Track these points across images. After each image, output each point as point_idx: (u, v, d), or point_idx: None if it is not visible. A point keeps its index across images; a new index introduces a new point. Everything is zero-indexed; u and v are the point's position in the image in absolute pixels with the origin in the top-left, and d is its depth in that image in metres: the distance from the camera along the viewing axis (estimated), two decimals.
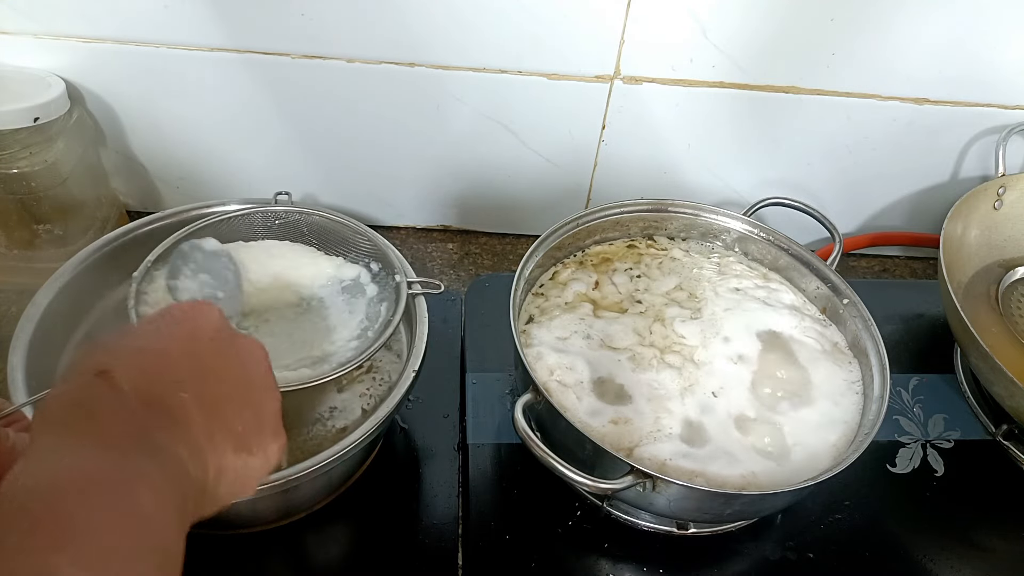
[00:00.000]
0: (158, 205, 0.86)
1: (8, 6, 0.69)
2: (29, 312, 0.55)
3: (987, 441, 0.70)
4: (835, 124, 0.81)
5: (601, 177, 0.85)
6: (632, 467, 0.50)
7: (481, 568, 0.57)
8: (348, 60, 0.74)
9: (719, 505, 0.52)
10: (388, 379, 0.63)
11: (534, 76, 0.75)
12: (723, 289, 0.69)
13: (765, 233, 0.72)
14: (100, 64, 0.73)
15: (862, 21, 0.73)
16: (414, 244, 0.89)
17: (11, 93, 0.68)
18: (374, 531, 0.60)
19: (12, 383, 0.51)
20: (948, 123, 0.82)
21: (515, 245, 0.90)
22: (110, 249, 0.63)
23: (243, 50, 0.73)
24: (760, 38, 0.74)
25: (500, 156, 0.82)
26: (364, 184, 0.85)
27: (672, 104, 0.78)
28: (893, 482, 0.66)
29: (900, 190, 0.89)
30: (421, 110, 0.78)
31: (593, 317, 0.66)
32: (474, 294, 0.78)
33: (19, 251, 0.76)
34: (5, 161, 0.69)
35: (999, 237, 0.81)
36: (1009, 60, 0.76)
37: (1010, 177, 0.79)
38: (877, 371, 0.61)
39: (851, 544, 0.61)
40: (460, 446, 0.65)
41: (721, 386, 0.61)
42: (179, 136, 0.80)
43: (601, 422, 0.57)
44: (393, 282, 0.61)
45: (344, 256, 0.66)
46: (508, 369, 0.70)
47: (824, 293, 0.68)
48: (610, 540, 0.60)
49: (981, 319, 0.75)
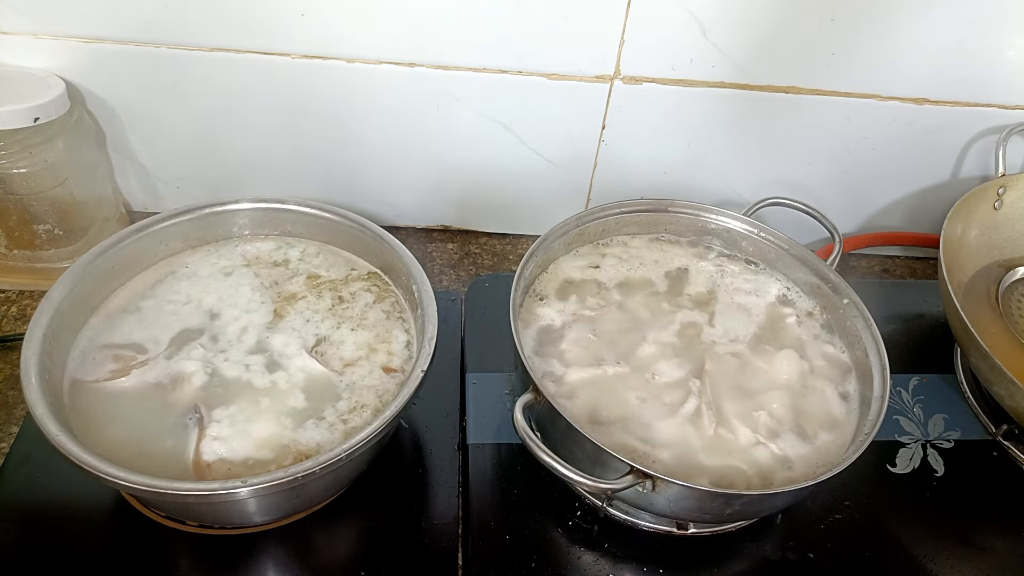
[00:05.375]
0: (158, 205, 0.86)
1: (8, 6, 0.69)
2: (43, 306, 0.56)
3: (987, 441, 0.70)
4: (835, 124, 0.81)
5: (601, 177, 0.85)
6: (632, 467, 0.50)
7: (481, 568, 0.57)
8: (348, 60, 0.74)
9: (719, 505, 0.52)
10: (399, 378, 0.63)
11: (534, 76, 0.75)
12: (722, 288, 0.69)
13: (765, 233, 0.72)
14: (100, 64, 0.73)
15: (862, 21, 0.73)
16: (414, 244, 0.88)
17: (11, 93, 0.68)
18: (374, 531, 0.60)
19: (25, 376, 0.52)
20: (948, 123, 0.82)
21: (515, 245, 0.90)
22: (120, 247, 0.63)
23: (243, 50, 0.73)
24: (760, 38, 0.74)
25: (500, 156, 0.82)
26: (364, 184, 0.85)
27: (672, 104, 0.78)
28: (893, 482, 0.66)
29: (900, 190, 0.89)
30: (421, 110, 0.78)
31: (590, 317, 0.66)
32: (474, 294, 0.78)
33: (19, 251, 0.76)
34: (5, 161, 0.69)
35: (999, 237, 0.81)
36: (1009, 60, 0.76)
37: (1010, 177, 0.79)
38: (877, 371, 0.61)
39: (851, 544, 0.61)
40: (460, 446, 0.65)
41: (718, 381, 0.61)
42: (179, 136, 0.80)
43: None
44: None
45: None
46: (508, 369, 0.70)
47: (824, 293, 0.68)
48: (610, 540, 0.60)
49: (981, 319, 0.75)
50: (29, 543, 0.56)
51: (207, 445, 0.53)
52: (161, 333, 0.61)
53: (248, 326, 0.62)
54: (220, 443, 0.54)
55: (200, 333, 0.61)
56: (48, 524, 0.57)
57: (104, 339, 0.60)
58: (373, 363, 0.61)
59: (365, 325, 0.63)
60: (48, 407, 0.50)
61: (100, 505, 0.58)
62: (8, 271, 0.77)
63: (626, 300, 0.68)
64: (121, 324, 0.61)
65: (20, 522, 0.57)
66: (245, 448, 0.54)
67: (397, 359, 0.61)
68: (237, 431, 0.55)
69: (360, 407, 0.57)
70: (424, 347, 0.57)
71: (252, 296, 0.64)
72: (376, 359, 0.61)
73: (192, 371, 0.58)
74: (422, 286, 0.61)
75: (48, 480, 0.59)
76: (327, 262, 0.69)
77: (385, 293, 0.67)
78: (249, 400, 0.57)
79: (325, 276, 0.67)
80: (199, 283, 0.65)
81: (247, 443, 0.54)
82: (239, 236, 0.69)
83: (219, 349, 0.60)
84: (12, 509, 0.58)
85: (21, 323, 0.74)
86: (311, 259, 0.69)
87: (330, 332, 0.63)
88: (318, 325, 0.63)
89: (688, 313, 0.67)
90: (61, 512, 0.58)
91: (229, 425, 0.55)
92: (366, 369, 0.60)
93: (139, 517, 0.57)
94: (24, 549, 0.56)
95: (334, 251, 0.70)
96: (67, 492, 0.59)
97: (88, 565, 0.56)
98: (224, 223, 0.68)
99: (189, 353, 0.59)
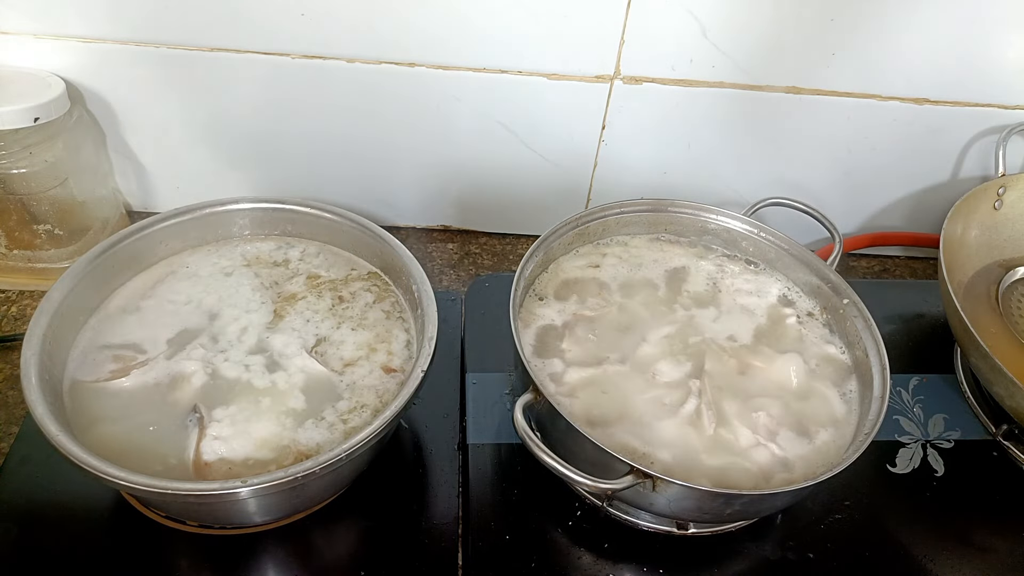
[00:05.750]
0: (158, 205, 0.86)
1: (8, 6, 0.69)
2: (43, 306, 0.56)
3: (987, 441, 0.70)
4: (835, 124, 0.81)
5: (601, 177, 0.85)
6: (632, 467, 0.50)
7: (481, 568, 0.57)
8: (348, 60, 0.74)
9: (719, 505, 0.52)
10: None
11: (534, 76, 0.76)
12: (723, 288, 0.69)
13: (765, 233, 0.72)
14: (100, 64, 0.73)
15: (862, 21, 0.73)
16: (414, 244, 0.89)
17: (11, 93, 0.68)
18: (374, 531, 0.60)
19: (25, 376, 0.52)
20: (948, 123, 0.82)
21: (515, 245, 0.90)
22: (119, 247, 0.63)
23: (243, 50, 0.73)
24: (760, 38, 0.74)
25: (500, 156, 0.82)
26: (364, 184, 0.85)
27: (672, 104, 0.78)
28: (893, 482, 0.66)
29: (900, 190, 0.89)
30: (421, 110, 0.78)
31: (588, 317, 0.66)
32: (474, 294, 0.78)
33: (19, 251, 0.76)
34: (5, 161, 0.69)
35: (999, 237, 0.81)
36: (1009, 60, 0.76)
37: (1010, 177, 0.79)
38: (877, 371, 0.61)
39: (851, 544, 0.61)
40: (460, 446, 0.65)
41: (718, 382, 0.61)
42: (179, 136, 0.80)
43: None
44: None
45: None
46: (508, 369, 0.70)
47: (824, 293, 0.68)
48: (610, 540, 0.60)
49: (981, 319, 0.75)
50: (29, 543, 0.56)
51: (207, 444, 0.53)
52: (161, 333, 0.61)
53: (248, 326, 0.62)
54: (220, 443, 0.54)
55: (200, 333, 0.61)
56: (48, 524, 0.57)
57: (104, 339, 0.60)
58: (373, 363, 0.61)
59: (365, 325, 0.64)
60: (48, 407, 0.50)
61: (100, 505, 0.58)
62: (8, 271, 0.77)
63: (626, 300, 0.68)
64: (121, 324, 0.61)
65: (20, 522, 0.57)
66: (245, 448, 0.54)
67: (397, 359, 0.61)
68: (237, 431, 0.55)
69: (360, 407, 0.57)
70: (424, 347, 0.57)
71: (252, 296, 0.64)
72: (376, 359, 0.61)
73: (192, 371, 0.58)
74: (422, 286, 0.61)
75: (48, 480, 0.59)
76: (327, 262, 0.69)
77: (385, 293, 0.67)
78: (249, 400, 0.57)
79: (325, 276, 0.67)
80: (199, 283, 0.65)
81: (247, 443, 0.54)
82: (239, 236, 0.69)
83: (219, 349, 0.60)
84: (12, 509, 0.58)
85: (21, 323, 0.74)
86: (311, 259, 0.69)
87: (330, 332, 0.63)
88: (318, 325, 0.63)
89: (688, 313, 0.67)
90: (61, 512, 0.58)
91: (229, 425, 0.55)
92: (366, 369, 0.60)
93: (139, 517, 0.57)
94: (24, 549, 0.56)
95: (334, 251, 0.70)
96: (67, 492, 0.59)
97: (88, 565, 0.56)
98: (224, 223, 0.68)
99: (189, 353, 0.59)
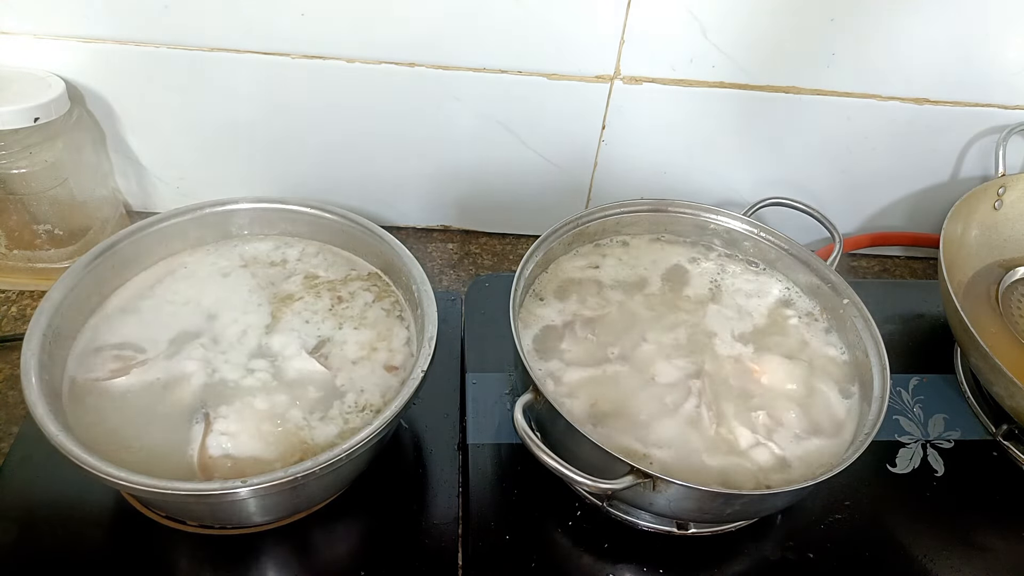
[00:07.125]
0: (158, 205, 0.86)
1: (8, 6, 0.69)
2: (43, 306, 0.57)
3: (987, 441, 0.70)
4: (835, 124, 0.81)
5: (601, 177, 0.85)
6: (632, 467, 0.50)
7: (481, 568, 0.57)
8: (348, 60, 0.74)
9: (719, 505, 0.52)
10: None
11: (534, 76, 0.75)
12: (723, 288, 0.69)
13: (765, 233, 0.72)
14: (100, 64, 0.73)
15: (862, 21, 0.73)
16: (414, 244, 0.89)
17: (11, 93, 0.68)
18: (374, 531, 0.60)
19: (25, 376, 0.52)
20: (948, 123, 0.82)
21: (515, 245, 0.90)
22: (119, 247, 0.63)
23: (243, 50, 0.73)
24: (760, 38, 0.74)
25: (500, 156, 0.82)
26: (364, 184, 0.85)
27: (672, 104, 0.78)
28: (893, 482, 0.66)
29: (900, 190, 0.89)
30: (421, 110, 0.78)
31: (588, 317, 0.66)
32: (474, 294, 0.78)
33: (19, 251, 0.76)
34: (5, 161, 0.69)
35: (999, 237, 0.81)
36: (1009, 60, 0.76)
37: (1010, 177, 0.79)
38: (877, 371, 0.61)
39: (851, 544, 0.61)
40: (460, 446, 0.65)
41: (718, 382, 0.61)
42: (179, 136, 0.80)
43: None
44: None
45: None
46: (508, 369, 0.70)
47: (824, 293, 0.68)
48: (610, 540, 0.60)
49: (981, 319, 0.75)
50: (29, 543, 0.56)
51: (213, 440, 0.54)
52: (161, 333, 0.61)
53: (248, 327, 0.62)
54: (223, 440, 0.54)
55: (200, 333, 0.61)
56: (48, 524, 0.57)
57: (104, 339, 0.60)
58: (375, 362, 0.61)
59: (366, 323, 0.63)
60: (48, 407, 0.50)
61: (100, 505, 0.58)
62: (8, 271, 0.77)
63: (626, 300, 0.68)
64: (121, 324, 0.61)
65: (20, 522, 0.57)
66: (246, 448, 0.54)
67: (398, 356, 0.61)
68: (237, 431, 0.55)
69: (361, 406, 0.57)
70: (424, 347, 0.57)
71: (250, 297, 0.64)
72: (377, 357, 0.61)
73: (192, 371, 0.58)
74: (422, 286, 0.61)
75: (48, 480, 0.59)
76: (327, 262, 0.69)
77: (385, 293, 0.67)
78: (249, 400, 0.57)
79: (323, 276, 0.67)
80: (198, 283, 0.65)
81: (248, 443, 0.54)
82: (239, 236, 0.69)
83: (219, 350, 0.60)
84: (12, 509, 0.58)
85: (21, 323, 0.74)
86: (310, 259, 0.69)
87: (332, 332, 0.63)
88: (319, 326, 0.63)
89: (688, 313, 0.67)
90: (61, 512, 0.58)
91: (229, 425, 0.55)
92: (368, 368, 0.60)
93: (139, 517, 0.57)
94: (24, 549, 0.56)
95: (334, 251, 0.70)
96: (67, 492, 0.59)
97: (88, 565, 0.56)
98: (224, 223, 0.68)
99: (189, 353, 0.59)
